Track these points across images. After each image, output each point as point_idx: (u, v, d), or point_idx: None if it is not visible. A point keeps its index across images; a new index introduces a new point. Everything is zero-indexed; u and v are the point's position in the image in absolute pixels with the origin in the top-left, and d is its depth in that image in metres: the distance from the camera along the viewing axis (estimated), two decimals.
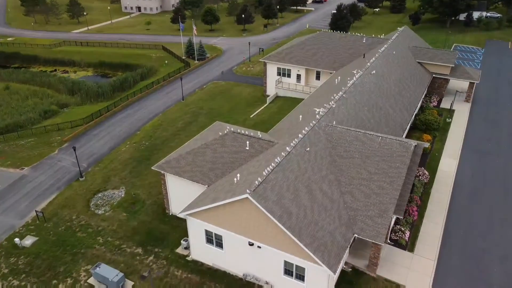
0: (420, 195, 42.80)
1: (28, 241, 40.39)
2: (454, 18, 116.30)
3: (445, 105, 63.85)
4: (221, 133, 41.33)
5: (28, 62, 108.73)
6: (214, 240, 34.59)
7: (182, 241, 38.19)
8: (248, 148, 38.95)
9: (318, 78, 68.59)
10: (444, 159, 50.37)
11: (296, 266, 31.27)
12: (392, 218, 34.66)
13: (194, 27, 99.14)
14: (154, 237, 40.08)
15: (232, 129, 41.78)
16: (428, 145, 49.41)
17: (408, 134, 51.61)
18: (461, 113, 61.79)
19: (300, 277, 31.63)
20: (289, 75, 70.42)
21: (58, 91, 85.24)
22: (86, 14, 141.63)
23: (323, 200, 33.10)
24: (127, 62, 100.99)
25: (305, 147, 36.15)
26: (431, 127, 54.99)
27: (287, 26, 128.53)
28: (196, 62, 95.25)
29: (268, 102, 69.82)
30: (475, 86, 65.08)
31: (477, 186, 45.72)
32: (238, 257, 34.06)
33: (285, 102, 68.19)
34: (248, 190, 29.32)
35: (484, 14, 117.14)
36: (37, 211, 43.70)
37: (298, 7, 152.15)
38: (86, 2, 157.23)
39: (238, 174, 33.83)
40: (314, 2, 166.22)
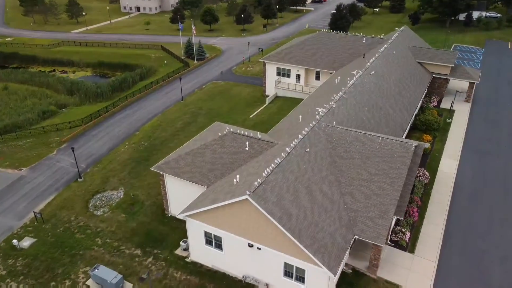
0: (420, 196, 42.61)
1: (26, 242, 40.15)
2: (453, 18, 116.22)
3: (445, 105, 63.67)
4: (220, 133, 41.10)
5: (26, 62, 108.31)
6: (214, 241, 34.37)
7: (181, 242, 37.96)
8: (247, 148, 38.72)
9: (317, 78, 68.38)
10: (444, 160, 50.21)
11: (296, 267, 31.05)
12: (392, 219, 34.46)
13: (193, 27, 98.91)
14: (153, 238, 39.85)
15: (231, 129, 41.56)
16: (428, 145, 49.22)
17: (408, 135, 51.40)
18: (461, 113, 61.61)
19: (300, 278, 31.42)
20: (288, 75, 70.19)
21: (56, 92, 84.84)
22: (85, 14, 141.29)
23: (323, 201, 32.89)
24: (126, 62, 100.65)
25: (305, 148, 35.94)
26: (431, 127, 54.80)
27: (287, 26, 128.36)
28: (195, 62, 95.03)
29: (267, 102, 69.61)
30: (475, 86, 64.93)
31: (477, 187, 45.54)
32: (238, 258, 33.83)
33: (284, 102, 67.98)
34: (247, 191, 29.11)
35: (483, 14, 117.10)
36: (35, 212, 43.45)
37: (298, 7, 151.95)
38: (85, 2, 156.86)
39: (238, 175, 33.62)
40: (314, 2, 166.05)
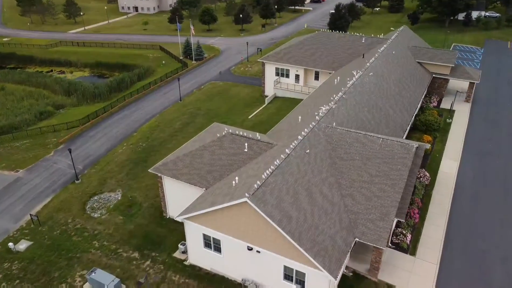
0: (421, 197, 42.19)
1: (22, 245, 39.61)
2: (452, 17, 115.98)
3: (445, 105, 63.29)
4: (219, 134, 40.61)
5: (24, 63, 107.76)
6: (212, 244, 33.89)
7: (179, 245, 37.45)
8: (246, 150, 38.24)
9: (317, 78, 67.95)
10: (445, 160, 49.82)
11: (296, 271, 30.58)
12: (393, 221, 34.02)
13: (192, 27, 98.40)
14: (151, 241, 39.34)
15: (230, 130, 41.07)
16: (429, 146, 48.78)
17: (408, 135, 50.98)
18: (461, 113, 61.24)
19: (300, 282, 30.94)
20: (287, 75, 69.75)
21: (54, 92, 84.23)
22: (82, 14, 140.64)
23: (324, 203, 32.44)
24: (124, 62, 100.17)
25: (304, 149, 35.48)
26: (431, 128, 54.40)
27: (285, 26, 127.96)
28: (193, 62, 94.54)
29: (266, 102, 69.16)
30: (475, 86, 64.57)
31: (478, 188, 45.14)
32: (237, 261, 33.35)
33: (283, 103, 67.53)
34: (247, 194, 28.63)
35: (483, 13, 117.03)
36: (31, 215, 42.89)
37: (296, 7, 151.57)
38: (82, 2, 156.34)
39: (237, 177, 33.13)
40: (312, 1, 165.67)
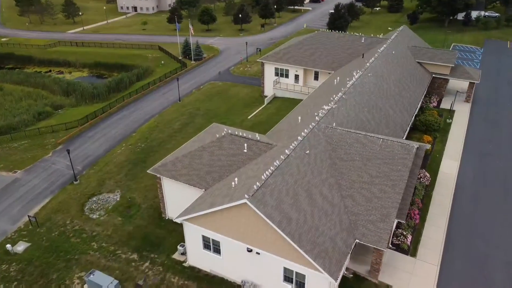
0: (421, 198, 41.97)
1: (20, 247, 39.31)
2: (452, 17, 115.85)
3: (445, 105, 63.10)
4: (218, 135, 40.36)
5: (22, 63, 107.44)
6: (212, 246, 33.64)
7: (178, 246, 37.21)
8: (246, 150, 37.99)
9: (316, 78, 67.72)
10: (445, 161, 49.63)
11: (296, 273, 30.33)
12: (394, 223, 33.79)
13: (191, 27, 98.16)
14: (150, 242, 39.07)
15: (229, 131, 40.81)
16: (429, 146, 48.54)
17: (408, 135, 50.76)
18: (461, 113, 61.05)
19: (300, 284, 30.71)
20: (287, 76, 69.52)
21: (52, 92, 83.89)
22: (81, 14, 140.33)
23: (324, 204, 32.20)
24: (123, 62, 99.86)
25: (304, 150, 35.25)
26: (432, 128, 54.17)
27: (285, 26, 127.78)
28: (192, 62, 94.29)
29: (266, 102, 68.92)
30: (475, 86, 64.37)
31: (478, 188, 44.94)
32: (236, 263, 33.09)
33: (283, 103, 67.30)
34: (246, 195, 28.39)
35: (482, 13, 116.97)
36: (29, 216, 42.57)
37: (296, 7, 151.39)
38: (81, 2, 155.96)
39: (236, 178, 32.89)
40: (312, 1, 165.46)
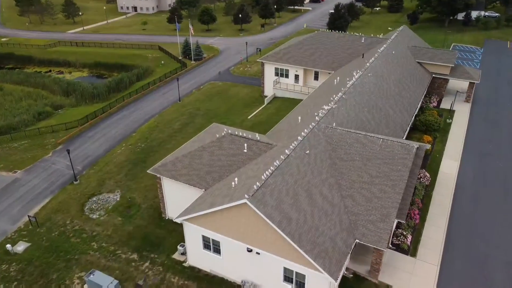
0: (421, 198, 41.97)
1: (20, 247, 39.31)
2: (452, 17, 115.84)
3: (445, 105, 63.10)
4: (218, 135, 40.36)
5: (22, 63, 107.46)
6: (212, 246, 33.64)
7: (178, 246, 37.21)
8: (246, 150, 37.99)
9: (316, 78, 67.72)
10: (445, 161, 49.63)
11: (296, 273, 30.34)
12: (394, 223, 33.79)
13: (191, 27, 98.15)
14: (150, 242, 39.07)
15: (229, 131, 40.81)
16: (429, 146, 48.55)
17: (408, 135, 50.76)
18: (461, 113, 61.05)
19: (300, 284, 30.72)
20: (287, 76, 69.52)
21: (52, 92, 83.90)
22: (81, 14, 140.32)
23: (324, 204, 32.20)
24: (123, 62, 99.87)
25: (304, 150, 35.25)
26: (432, 128, 54.17)
27: (285, 26, 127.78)
28: (192, 62, 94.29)
29: (266, 103, 68.92)
30: (475, 86, 64.37)
31: (478, 188, 44.94)
32: (236, 263, 33.10)
33: (283, 103, 67.30)
34: (246, 195, 28.39)
35: (482, 13, 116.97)
36: (29, 216, 42.57)
37: (296, 7, 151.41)
38: (81, 2, 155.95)
39: (236, 178, 32.88)
40: (312, 1, 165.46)
